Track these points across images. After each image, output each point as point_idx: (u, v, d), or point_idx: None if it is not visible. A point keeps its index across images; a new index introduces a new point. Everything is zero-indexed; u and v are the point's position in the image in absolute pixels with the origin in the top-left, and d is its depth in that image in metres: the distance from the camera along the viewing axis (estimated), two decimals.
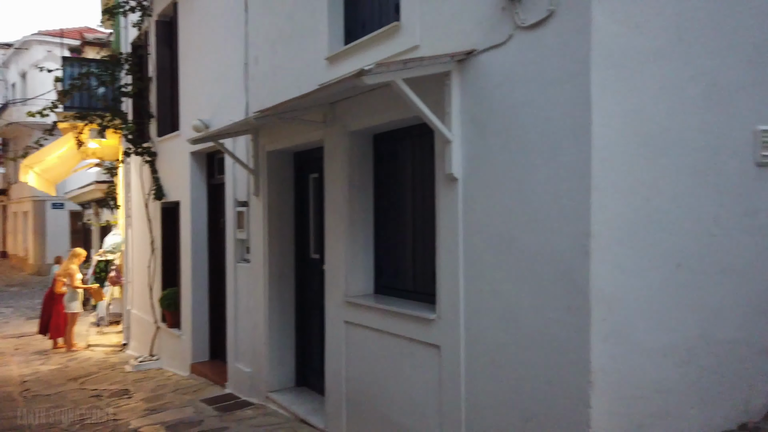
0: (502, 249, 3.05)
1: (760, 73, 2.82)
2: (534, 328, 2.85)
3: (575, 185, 2.63)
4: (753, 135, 2.82)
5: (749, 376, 2.85)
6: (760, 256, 2.86)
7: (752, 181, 2.83)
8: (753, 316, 2.85)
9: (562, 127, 2.68)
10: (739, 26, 2.77)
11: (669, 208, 2.69)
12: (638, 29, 2.58)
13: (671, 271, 2.71)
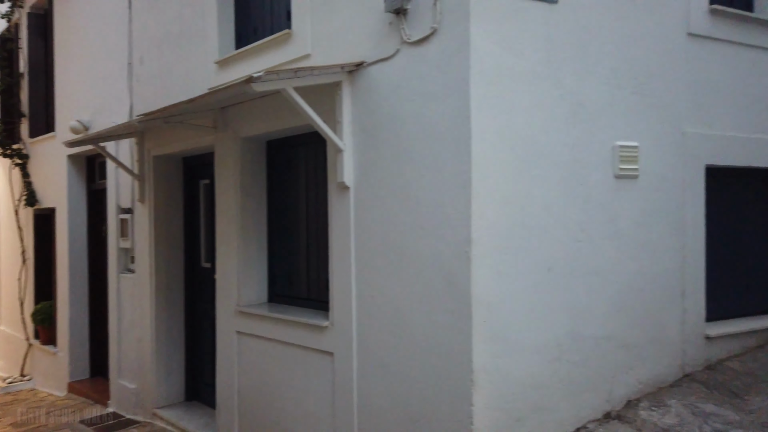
0: (391, 255, 3.13)
1: (617, 95, 3.12)
2: (421, 331, 2.96)
3: (457, 194, 2.77)
4: (612, 150, 3.12)
5: (612, 369, 3.13)
6: (619, 259, 3.16)
7: (612, 191, 3.13)
8: (614, 314, 3.14)
9: (445, 140, 2.82)
10: (599, 52, 3.05)
11: (541, 216, 2.90)
12: (512, 50, 2.77)
13: (543, 274, 2.92)
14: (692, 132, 3.39)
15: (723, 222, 3.73)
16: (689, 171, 3.39)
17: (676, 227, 3.35)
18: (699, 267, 3.45)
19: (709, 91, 3.46)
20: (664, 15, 3.27)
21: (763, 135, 3.69)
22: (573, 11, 2.95)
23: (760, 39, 3.66)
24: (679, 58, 3.33)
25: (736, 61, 3.57)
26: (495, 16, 2.72)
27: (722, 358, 3.53)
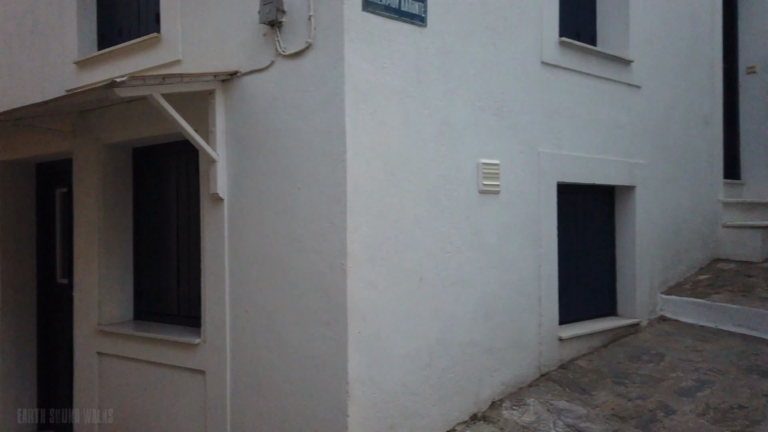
0: (267, 269, 3.10)
1: (480, 116, 3.35)
2: (297, 345, 2.95)
3: (333, 208, 2.81)
4: (477, 167, 3.34)
5: (478, 373, 3.33)
6: (483, 269, 3.38)
7: (477, 205, 3.34)
8: (479, 321, 3.35)
9: (321, 154, 2.85)
10: (463, 75, 3.26)
11: (412, 229, 3.03)
12: (384, 69, 2.88)
13: (415, 284, 3.05)
14: (545, 152, 3.72)
15: (572, 233, 4.13)
16: (543, 187, 3.71)
17: (533, 239, 3.66)
18: (552, 275, 3.78)
19: (560, 115, 3.83)
20: (521, 44, 3.57)
21: (604, 156, 4.14)
22: (440, 36, 3.12)
23: (601, 70, 4.11)
24: (534, 84, 3.65)
25: (582, 88, 3.98)
26: (368, 35, 2.81)
27: (573, 357, 3.89)
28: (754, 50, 5.98)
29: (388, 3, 2.86)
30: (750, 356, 3.70)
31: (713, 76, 5.22)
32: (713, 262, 5.13)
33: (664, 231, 4.63)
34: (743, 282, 4.60)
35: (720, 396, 3.24)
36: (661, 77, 4.62)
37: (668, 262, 4.69)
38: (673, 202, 4.73)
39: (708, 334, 4.12)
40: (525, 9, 3.59)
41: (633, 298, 4.37)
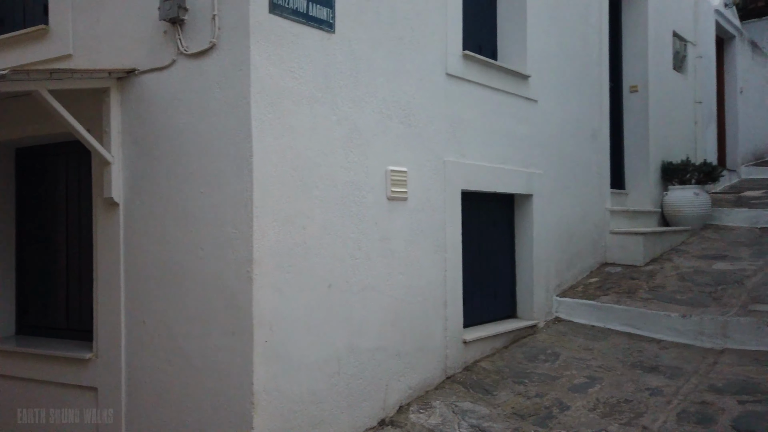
0: (168, 278, 2.95)
1: (388, 124, 3.41)
2: (200, 357, 2.83)
3: (238, 214, 2.73)
4: (385, 174, 3.38)
5: (386, 378, 3.36)
6: (391, 275, 3.42)
7: (385, 212, 3.38)
8: (387, 326, 3.38)
9: (226, 157, 2.76)
10: (371, 82, 3.30)
11: (321, 235, 3.01)
12: (292, 74, 2.85)
13: (324, 291, 3.02)
14: (450, 161, 3.84)
15: (475, 239, 4.28)
16: (448, 195, 3.83)
17: (439, 244, 3.75)
18: (457, 279, 3.89)
19: (464, 125, 3.97)
20: (427, 55, 3.67)
21: (504, 165, 4.34)
22: (348, 43, 3.14)
23: (502, 84, 4.32)
24: (439, 95, 3.76)
25: (484, 100, 4.16)
26: (275, 38, 2.77)
27: (477, 359, 4.02)
28: (636, 71, 6.54)
29: (295, 7, 2.83)
30: (634, 353, 4.00)
31: (601, 93, 5.64)
32: (602, 266, 5.53)
33: (558, 237, 4.92)
34: (628, 284, 4.99)
35: (608, 391, 3.47)
36: (555, 93, 4.92)
37: (562, 266, 4.99)
38: (566, 210, 5.04)
39: (598, 333, 4.42)
40: (430, 21, 3.70)
41: (531, 301, 4.61)
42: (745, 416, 3.00)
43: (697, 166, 6.65)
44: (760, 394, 3.17)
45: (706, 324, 4.02)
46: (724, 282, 4.77)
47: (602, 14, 5.65)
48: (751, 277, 4.80)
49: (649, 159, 6.49)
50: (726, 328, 3.93)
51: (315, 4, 2.93)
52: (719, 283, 4.76)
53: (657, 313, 4.27)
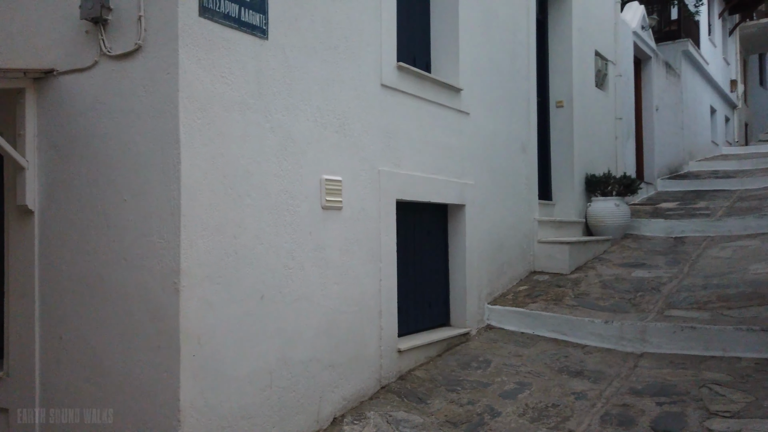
0: (88, 290, 2.80)
1: (323, 132, 3.38)
2: (123, 374, 2.69)
3: (165, 223, 2.62)
4: (320, 182, 3.35)
5: (320, 389, 3.31)
6: (325, 285, 3.38)
7: (320, 221, 3.35)
8: (321, 336, 3.34)
9: (152, 163, 2.65)
10: (306, 90, 3.27)
11: (253, 245, 2.93)
12: (224, 79, 2.78)
13: (255, 302, 2.95)
14: (385, 170, 3.86)
15: (410, 249, 4.32)
16: (383, 204, 3.84)
17: (374, 254, 3.75)
18: (392, 289, 3.90)
19: (398, 136, 4.00)
20: (362, 65, 3.68)
21: (438, 176, 4.41)
22: (282, 50, 3.10)
23: (435, 96, 4.40)
24: (374, 105, 3.78)
25: (418, 111, 4.22)
26: (205, 42, 2.69)
27: (411, 368, 4.04)
28: (561, 88, 6.85)
29: (227, 11, 2.77)
30: (561, 358, 4.14)
31: (529, 108, 5.86)
32: (531, 274, 5.71)
33: (490, 246, 5.05)
34: (555, 292, 5.17)
35: (537, 396, 3.57)
36: (486, 106, 5.07)
37: (493, 275, 5.12)
38: (497, 220, 5.18)
39: (527, 340, 4.54)
40: (365, 32, 3.72)
41: (464, 309, 4.69)
42: (663, 417, 3.16)
43: (618, 179, 7.02)
44: (675, 396, 3.35)
45: (626, 329, 4.22)
46: (643, 289, 5.03)
47: (530, 32, 5.88)
48: (667, 284, 5.10)
49: (574, 171, 6.79)
50: (644, 332, 4.14)
51: (247, 9, 2.87)
52: (638, 290, 5.03)
53: (582, 319, 4.45)
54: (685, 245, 6.44)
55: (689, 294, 4.75)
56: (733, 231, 6.63)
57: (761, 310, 4.14)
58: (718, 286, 4.85)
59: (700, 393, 3.34)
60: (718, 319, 4.13)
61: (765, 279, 4.80)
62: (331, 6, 3.43)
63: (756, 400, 3.16)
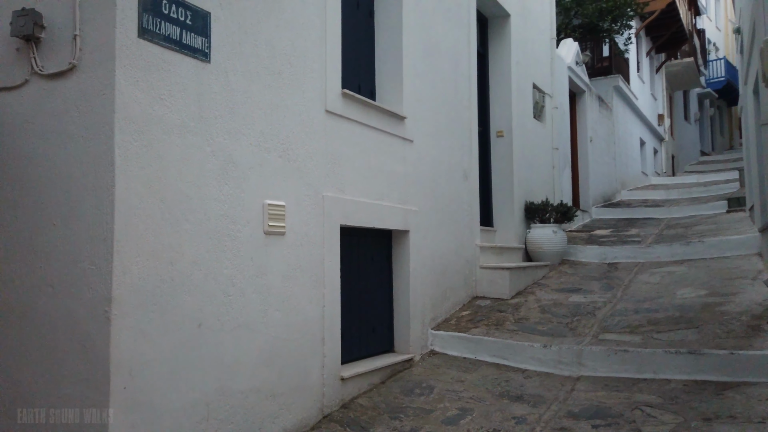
0: (10, 319, 2.64)
1: (266, 157, 3.35)
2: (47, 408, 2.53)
3: (97, 248, 2.52)
4: (262, 207, 3.31)
5: (259, 420, 3.21)
6: (267, 312, 3.31)
7: (262, 247, 3.29)
8: (262, 366, 3.25)
9: (85, 186, 2.55)
10: (249, 114, 3.23)
11: (191, 272, 2.85)
12: (163, 101, 2.72)
13: (193, 331, 2.85)
14: (329, 196, 3.85)
15: (354, 274, 4.30)
16: (327, 230, 3.82)
17: (317, 280, 3.71)
18: (335, 315, 3.86)
19: (343, 161, 4.02)
20: (307, 91, 3.69)
21: (382, 202, 4.44)
22: (225, 74, 3.08)
23: (380, 123, 4.45)
24: (318, 130, 3.79)
25: (363, 138, 4.25)
26: (144, 64, 2.63)
27: (354, 396, 3.98)
28: (502, 118, 7.08)
29: (168, 33, 2.73)
30: (502, 383, 4.20)
31: (471, 137, 6.01)
32: (473, 299, 5.80)
33: (433, 271, 5.10)
34: (496, 317, 5.26)
35: (479, 422, 3.59)
36: (430, 134, 5.17)
37: (437, 300, 5.16)
38: (441, 246, 5.25)
39: (469, 365, 4.58)
40: (310, 58, 3.74)
41: (408, 335, 4.69)
42: None
43: (555, 207, 7.28)
44: (610, 418, 3.45)
45: (563, 353, 4.33)
46: (579, 313, 5.19)
47: (471, 64, 6.08)
48: (601, 309, 5.28)
49: (514, 199, 7.00)
50: (581, 356, 4.26)
51: (189, 32, 2.84)
52: (575, 314, 5.18)
53: (522, 344, 4.53)
54: (618, 271, 6.71)
55: (622, 318, 4.94)
56: (661, 257, 6.97)
57: (687, 333, 4.35)
58: (649, 310, 5.06)
59: (633, 415, 3.45)
60: (649, 342, 4.31)
61: (691, 303, 5.05)
62: (275, 32, 3.44)
63: (685, 421, 3.30)
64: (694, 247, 6.87)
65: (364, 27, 4.78)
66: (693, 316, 4.70)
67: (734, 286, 5.38)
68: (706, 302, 4.99)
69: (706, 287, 5.47)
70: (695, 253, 6.80)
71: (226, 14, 3.10)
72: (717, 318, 4.55)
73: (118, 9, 2.52)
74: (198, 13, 2.91)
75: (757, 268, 5.85)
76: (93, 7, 2.57)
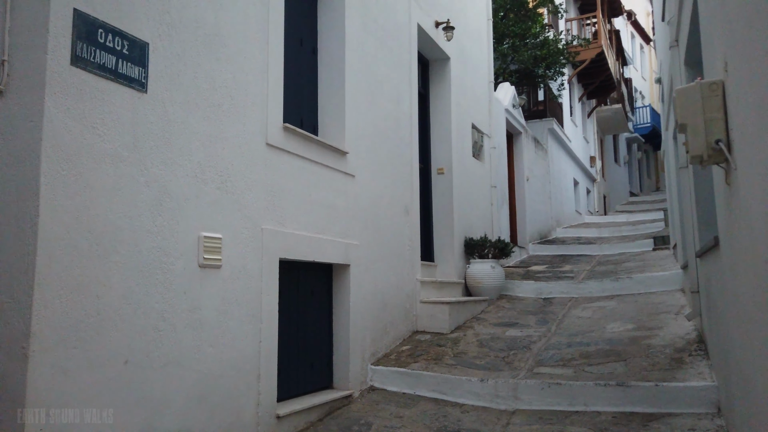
0: None
1: (203, 188, 3.31)
2: None
3: (17, 281, 2.39)
4: (198, 240, 3.24)
5: None
6: (200, 348, 3.21)
7: (196, 280, 3.22)
8: (192, 404, 3.13)
9: (7, 215, 2.44)
10: (186, 146, 3.20)
11: (120, 306, 2.74)
12: (95, 130, 2.66)
13: (119, 368, 2.73)
14: (269, 228, 3.83)
15: (293, 309, 4.25)
16: (266, 263, 3.78)
17: (254, 314, 3.64)
18: (272, 351, 3.79)
19: (284, 195, 4.01)
20: (247, 124, 3.69)
21: (322, 235, 4.44)
22: (162, 104, 3.04)
23: (322, 158, 4.49)
24: (258, 163, 3.78)
25: (304, 172, 4.27)
26: (76, 92, 2.58)
27: None
28: (442, 156, 7.27)
29: (103, 62, 2.69)
30: (440, 418, 4.20)
31: (412, 173, 6.14)
32: (414, 334, 5.81)
33: (374, 306, 5.10)
34: (435, 351, 5.29)
35: None
36: (371, 170, 5.24)
37: (377, 335, 5.15)
38: (381, 280, 5.27)
39: (408, 400, 4.57)
40: (251, 92, 3.75)
41: (347, 371, 4.64)
42: None
43: (493, 243, 7.47)
44: None
45: (500, 387, 4.39)
46: (516, 347, 5.30)
47: (412, 103, 6.26)
48: (537, 343, 5.41)
49: (454, 234, 7.14)
50: (516, 390, 4.33)
51: (126, 61, 2.81)
52: (511, 348, 5.28)
53: (460, 378, 4.57)
54: (553, 305, 6.92)
55: (556, 352, 5.07)
56: (593, 293, 7.24)
57: (617, 366, 4.51)
58: (581, 344, 5.22)
59: None
60: (581, 375, 4.43)
61: (619, 337, 5.25)
62: (216, 65, 3.45)
63: None
64: (623, 283, 7.18)
65: (308, 63, 4.86)
66: (622, 349, 4.88)
67: (659, 320, 5.64)
68: (634, 336, 5.20)
69: (634, 321, 5.71)
70: (624, 289, 7.11)
71: (166, 45, 3.09)
72: (643, 351, 4.74)
73: (50, 36, 2.47)
74: (135, 42, 2.88)
75: (680, 303, 6.17)
76: (24, 33, 2.51)
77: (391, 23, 5.84)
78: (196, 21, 3.32)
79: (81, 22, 2.60)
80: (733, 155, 2.25)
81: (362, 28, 5.23)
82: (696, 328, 5.07)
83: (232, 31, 3.60)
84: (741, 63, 1.99)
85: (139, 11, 2.93)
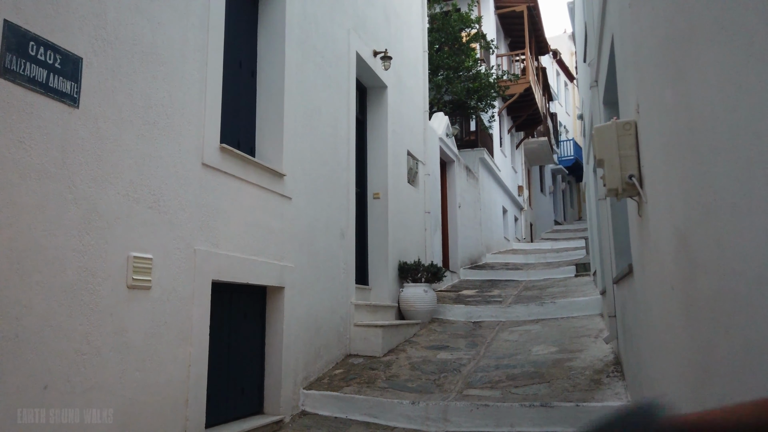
0: None
1: (134, 207, 3.23)
2: None
3: None
4: (127, 260, 3.15)
5: None
6: (125, 371, 3.08)
7: (124, 302, 3.11)
8: (116, 431, 3.00)
9: None
10: (117, 163, 3.11)
11: (40, 328, 2.62)
12: (22, 144, 2.52)
13: (37, 394, 2.59)
14: (202, 249, 3.76)
15: (225, 332, 4.16)
16: (198, 285, 3.70)
17: (184, 337, 3.55)
18: (202, 375, 3.69)
19: (218, 215, 3.96)
20: (182, 143, 3.65)
21: (257, 257, 4.40)
22: (94, 120, 2.97)
23: (259, 179, 4.47)
24: (193, 183, 3.73)
25: (240, 193, 4.24)
26: (3, 104, 2.48)
27: None
28: (378, 181, 7.40)
29: (33, 75, 2.60)
30: None
31: (348, 197, 6.21)
32: (347, 357, 5.81)
33: (307, 329, 5.07)
34: (368, 374, 5.31)
35: None
36: (308, 193, 5.27)
37: (310, 358, 5.11)
38: (316, 303, 5.26)
39: (340, 425, 4.55)
40: (188, 111, 3.72)
41: (278, 395, 4.57)
42: None
43: (426, 267, 7.63)
44: None
45: (431, 409, 4.46)
46: (446, 370, 5.40)
47: (350, 129, 6.36)
48: (466, 365, 5.54)
49: (388, 258, 7.24)
50: (446, 412, 4.41)
51: (58, 75, 2.73)
52: (442, 371, 5.38)
53: (392, 401, 4.60)
54: (482, 329, 7.11)
55: (484, 374, 5.22)
56: (520, 317, 7.51)
57: (541, 387, 4.70)
58: (507, 366, 5.40)
59: None
60: (507, 396, 4.58)
61: (543, 360, 5.47)
62: (152, 83, 3.40)
63: None
64: (547, 307, 7.50)
65: (247, 86, 4.86)
66: (545, 371, 5.09)
67: (580, 343, 5.93)
68: (557, 358, 5.44)
69: (557, 344, 5.97)
70: (548, 313, 7.42)
71: (100, 61, 3.03)
72: (565, 373, 4.96)
73: None
74: (68, 57, 2.81)
75: (599, 327, 6.51)
76: None
77: (330, 50, 5.95)
78: (133, 38, 3.27)
79: (11, 34, 2.52)
80: (644, 189, 2.46)
81: (302, 53, 5.30)
82: (613, 351, 5.36)
83: (169, 49, 3.57)
84: (650, 105, 2.21)
85: (73, 25, 2.87)
